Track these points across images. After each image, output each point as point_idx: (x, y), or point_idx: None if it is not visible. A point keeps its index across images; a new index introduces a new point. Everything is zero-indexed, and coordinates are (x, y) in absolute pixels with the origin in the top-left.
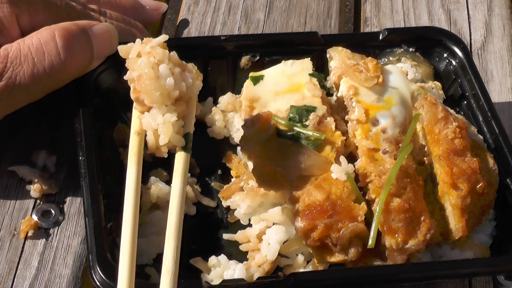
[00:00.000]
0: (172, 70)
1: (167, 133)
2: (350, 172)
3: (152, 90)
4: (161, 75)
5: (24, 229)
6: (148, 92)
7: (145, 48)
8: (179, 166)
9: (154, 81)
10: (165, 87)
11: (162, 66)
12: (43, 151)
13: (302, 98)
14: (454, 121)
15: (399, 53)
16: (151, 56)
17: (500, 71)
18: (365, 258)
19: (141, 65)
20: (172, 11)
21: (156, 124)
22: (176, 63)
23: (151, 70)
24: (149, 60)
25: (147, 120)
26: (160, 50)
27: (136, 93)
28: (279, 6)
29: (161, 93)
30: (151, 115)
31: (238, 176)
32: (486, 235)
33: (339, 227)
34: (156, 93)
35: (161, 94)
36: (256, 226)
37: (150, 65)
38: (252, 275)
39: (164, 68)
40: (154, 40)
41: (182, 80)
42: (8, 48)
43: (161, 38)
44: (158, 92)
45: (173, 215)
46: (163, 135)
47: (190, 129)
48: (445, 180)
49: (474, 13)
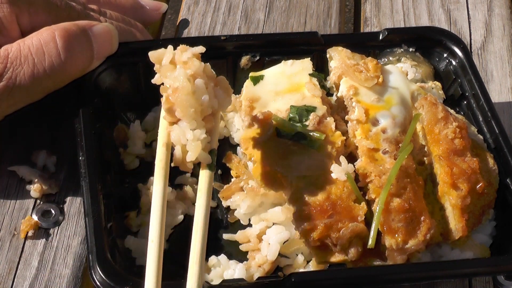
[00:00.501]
0: (207, 84)
1: (195, 150)
2: (350, 172)
3: (187, 106)
4: (197, 90)
5: (24, 229)
6: (182, 106)
7: (182, 57)
8: (204, 184)
9: (190, 97)
10: (200, 103)
11: (199, 81)
12: (43, 151)
13: (302, 98)
14: (454, 121)
15: (399, 53)
16: (187, 67)
17: (500, 71)
18: (365, 258)
19: (178, 76)
20: (172, 11)
21: (185, 140)
22: (209, 75)
23: (188, 85)
24: (186, 73)
25: (177, 134)
26: (197, 62)
27: (169, 104)
28: (279, 6)
29: (195, 109)
30: (180, 129)
31: (238, 176)
32: (486, 235)
33: (339, 227)
34: (191, 110)
35: (195, 111)
36: (256, 226)
37: (187, 77)
38: (252, 275)
39: (201, 84)
40: (190, 50)
41: (215, 97)
42: (8, 48)
43: (198, 49)
44: (193, 108)
45: (198, 235)
46: (192, 152)
47: (214, 145)
48: (445, 180)
49: (474, 13)
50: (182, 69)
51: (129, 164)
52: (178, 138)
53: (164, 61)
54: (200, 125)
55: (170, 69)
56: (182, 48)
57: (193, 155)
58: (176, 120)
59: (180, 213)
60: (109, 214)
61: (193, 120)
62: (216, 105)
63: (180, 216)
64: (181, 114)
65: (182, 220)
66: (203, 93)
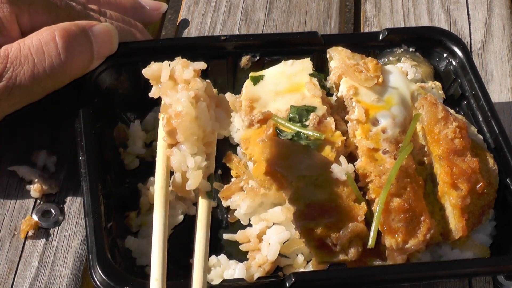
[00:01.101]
0: (209, 106)
1: (197, 179)
2: (350, 172)
3: (190, 133)
4: (201, 116)
5: (24, 229)
6: (185, 133)
7: (183, 75)
8: (203, 215)
9: (193, 124)
10: (203, 131)
11: (202, 105)
12: (43, 151)
13: (302, 98)
14: (454, 121)
15: (399, 53)
16: (189, 88)
17: (500, 71)
18: (365, 258)
19: (180, 100)
20: (172, 11)
21: (186, 167)
22: (211, 95)
23: (192, 110)
24: (189, 96)
25: (177, 160)
26: (199, 82)
27: (170, 127)
28: (279, 6)
29: (198, 137)
30: (181, 155)
31: (238, 176)
32: (486, 235)
33: (339, 227)
34: (193, 137)
35: (198, 138)
36: (256, 226)
37: (190, 101)
38: (252, 275)
39: (204, 108)
40: (191, 66)
41: (216, 119)
42: (8, 48)
43: (200, 65)
44: (196, 136)
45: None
46: (192, 180)
47: (212, 169)
48: (445, 180)
49: (474, 13)
50: (184, 92)
51: (129, 164)
52: (179, 165)
53: (163, 78)
54: (200, 150)
55: (170, 86)
56: (184, 64)
57: (194, 183)
58: (175, 143)
59: (180, 213)
60: (109, 214)
61: (194, 146)
62: (217, 128)
63: (180, 216)
64: (182, 139)
65: (182, 220)
66: (206, 118)
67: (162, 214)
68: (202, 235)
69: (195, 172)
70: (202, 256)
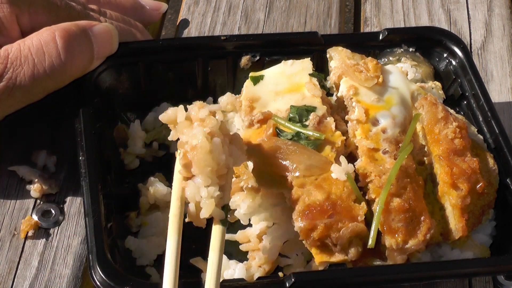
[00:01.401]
0: (223, 142)
1: (209, 208)
2: (350, 172)
3: (205, 165)
4: (215, 149)
5: (24, 229)
6: (200, 165)
7: (199, 114)
8: (217, 240)
9: (208, 156)
10: (217, 163)
11: (216, 140)
12: (43, 151)
13: (302, 98)
14: (454, 121)
15: (399, 53)
16: (204, 125)
17: (500, 71)
18: (365, 258)
19: (196, 134)
20: (172, 11)
21: (199, 197)
22: (225, 132)
23: (207, 143)
24: (204, 131)
25: (192, 192)
26: (214, 120)
27: (186, 160)
28: (279, 6)
29: (212, 169)
30: (195, 186)
31: (238, 176)
32: (486, 235)
33: (339, 227)
34: (208, 168)
35: (211, 170)
36: (256, 226)
37: (205, 136)
38: (252, 275)
39: (218, 143)
40: (207, 107)
41: (230, 155)
42: (9, 48)
43: (215, 106)
44: (210, 168)
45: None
46: (205, 209)
47: (227, 200)
48: (445, 180)
49: (474, 13)
50: (200, 127)
51: (129, 164)
52: (193, 195)
53: (180, 119)
54: (214, 182)
55: (186, 125)
56: (200, 105)
57: (207, 212)
58: (191, 176)
59: None
60: (109, 214)
61: (208, 178)
62: (231, 163)
63: None
64: (197, 171)
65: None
66: (220, 152)
67: (176, 241)
68: (215, 261)
69: (208, 201)
70: (214, 283)
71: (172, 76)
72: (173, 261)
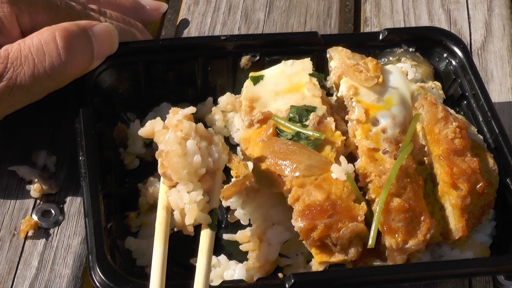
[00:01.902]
0: (199, 144)
1: (192, 214)
2: (350, 172)
3: (180, 168)
4: (189, 152)
5: (24, 229)
6: (175, 169)
7: (173, 120)
8: (205, 245)
9: (181, 159)
10: (192, 164)
11: (189, 142)
12: (43, 151)
13: (302, 98)
14: (454, 121)
15: (399, 53)
16: (178, 129)
17: (500, 71)
18: (365, 258)
19: (169, 140)
20: (172, 11)
21: (183, 203)
22: (203, 135)
23: (179, 147)
24: (176, 136)
25: (174, 199)
26: (187, 123)
27: (164, 169)
28: (279, 6)
29: (188, 171)
30: (177, 193)
31: (238, 176)
32: (486, 235)
33: (339, 227)
34: (183, 171)
35: (188, 172)
36: (256, 226)
37: (177, 141)
38: (252, 275)
39: (192, 144)
40: (181, 112)
41: (208, 155)
42: (9, 48)
43: (189, 110)
44: (185, 170)
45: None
46: (189, 215)
47: (215, 204)
48: (445, 180)
49: (474, 13)
50: (172, 133)
51: (129, 164)
52: (176, 202)
53: (157, 127)
54: (196, 186)
55: (163, 133)
56: (174, 111)
57: (191, 218)
58: (174, 184)
59: None
60: (109, 214)
61: (188, 182)
62: (211, 164)
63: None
64: (175, 177)
65: None
66: (195, 154)
67: (161, 250)
68: (203, 264)
69: (190, 206)
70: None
71: (172, 76)
72: (159, 271)
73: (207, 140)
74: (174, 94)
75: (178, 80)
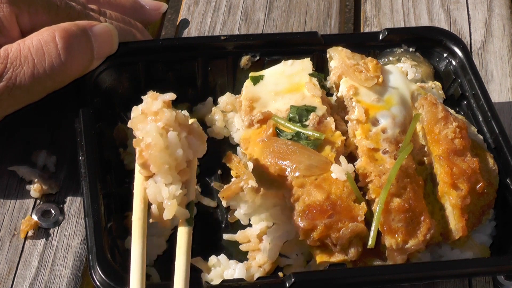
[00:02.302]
0: (179, 135)
1: (171, 209)
2: (350, 172)
3: (162, 163)
4: (171, 144)
5: (24, 229)
6: (157, 163)
7: (152, 107)
8: (183, 242)
9: (164, 153)
10: (174, 159)
11: (171, 134)
12: (43, 151)
13: (302, 98)
14: (454, 121)
15: (399, 53)
16: (158, 119)
17: (500, 71)
18: (365, 258)
19: (150, 131)
20: (172, 11)
21: (161, 197)
22: (182, 123)
23: (161, 140)
24: (157, 127)
25: (153, 192)
26: (168, 112)
27: (143, 159)
28: (279, 6)
29: (170, 166)
30: (155, 186)
31: (238, 176)
32: (486, 235)
33: (339, 227)
34: (165, 166)
35: (170, 167)
36: (256, 226)
37: (159, 132)
38: (252, 275)
39: (173, 137)
40: (160, 98)
41: (189, 147)
42: (8, 48)
43: (169, 96)
44: (167, 165)
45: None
46: (168, 210)
47: (192, 196)
48: (445, 180)
49: (474, 13)
50: (153, 123)
51: (129, 164)
52: (154, 196)
53: (134, 113)
54: (175, 179)
55: (141, 120)
56: (152, 96)
57: (170, 214)
58: (151, 174)
59: None
60: (109, 214)
61: (168, 175)
62: (191, 155)
63: None
64: (155, 170)
65: None
66: (177, 147)
67: (140, 246)
68: (182, 262)
69: (169, 202)
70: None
71: (172, 76)
72: (139, 268)
73: (187, 130)
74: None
75: (178, 80)
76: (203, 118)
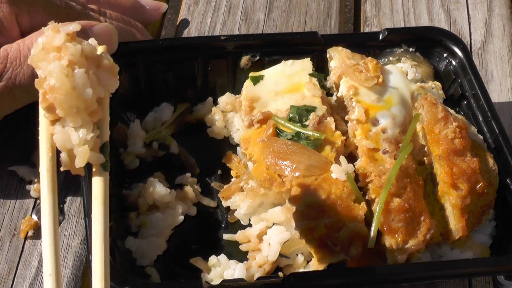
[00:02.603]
0: (87, 72)
1: (83, 156)
2: (350, 172)
3: (68, 107)
4: (78, 84)
5: (24, 229)
6: (63, 107)
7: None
8: (99, 191)
9: (70, 96)
10: (83, 100)
11: (78, 72)
12: None
13: (302, 98)
14: (454, 121)
15: (399, 53)
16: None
17: (500, 71)
18: (365, 258)
19: (53, 71)
20: (172, 11)
21: (71, 144)
22: (89, 55)
23: (66, 81)
24: (62, 66)
25: (61, 138)
26: (72, 47)
27: (47, 103)
28: (279, 6)
29: (79, 108)
30: (63, 131)
31: (238, 176)
32: (486, 235)
33: (339, 227)
34: (73, 110)
35: (79, 110)
36: (256, 226)
37: (64, 71)
38: (252, 275)
39: (81, 75)
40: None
41: (98, 83)
42: (8, 48)
43: (73, 27)
44: (75, 109)
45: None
46: (79, 157)
47: (106, 137)
48: (445, 180)
49: (474, 13)
50: (56, 61)
51: (129, 164)
52: (62, 143)
53: (34, 49)
54: (86, 122)
55: (42, 57)
56: (54, 28)
57: (82, 161)
58: (58, 118)
59: (180, 213)
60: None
61: (77, 118)
62: (102, 93)
63: (180, 216)
64: (63, 113)
65: (183, 221)
66: (86, 87)
67: (51, 201)
68: (99, 214)
69: (80, 148)
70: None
71: (172, 76)
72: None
73: (96, 63)
74: (174, 94)
75: (178, 80)
76: (203, 118)
